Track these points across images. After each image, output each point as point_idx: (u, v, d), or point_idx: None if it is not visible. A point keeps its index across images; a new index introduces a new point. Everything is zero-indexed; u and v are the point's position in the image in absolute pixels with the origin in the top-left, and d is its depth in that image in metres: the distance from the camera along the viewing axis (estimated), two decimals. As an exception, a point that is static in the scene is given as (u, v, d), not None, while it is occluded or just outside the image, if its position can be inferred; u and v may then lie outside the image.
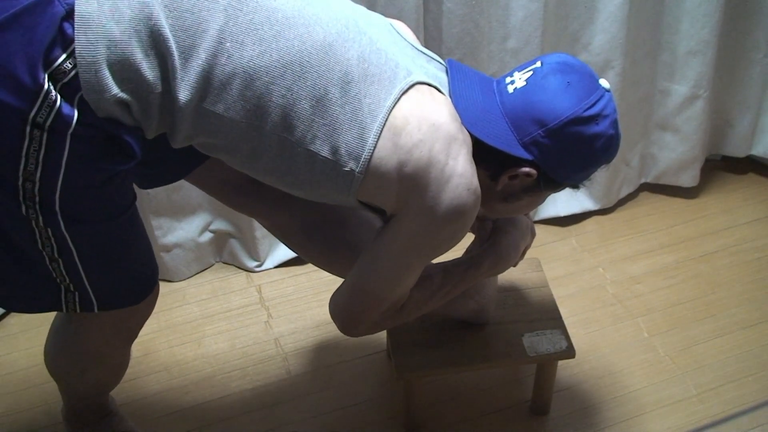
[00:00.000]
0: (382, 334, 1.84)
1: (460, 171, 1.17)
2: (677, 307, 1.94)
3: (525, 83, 1.22)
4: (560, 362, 1.62)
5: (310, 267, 2.03)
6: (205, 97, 1.09)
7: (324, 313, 1.92)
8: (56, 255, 1.16)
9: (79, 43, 1.03)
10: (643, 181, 2.34)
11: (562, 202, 2.22)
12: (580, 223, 2.23)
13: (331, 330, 1.88)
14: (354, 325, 1.33)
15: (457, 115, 1.20)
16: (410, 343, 1.55)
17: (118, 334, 1.37)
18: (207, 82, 1.08)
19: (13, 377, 1.77)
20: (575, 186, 1.31)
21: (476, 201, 1.19)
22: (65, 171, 1.08)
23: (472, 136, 1.21)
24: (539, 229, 2.20)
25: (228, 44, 1.08)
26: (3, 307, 1.31)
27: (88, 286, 1.22)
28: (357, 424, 1.67)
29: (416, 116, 1.16)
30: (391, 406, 1.70)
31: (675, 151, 2.24)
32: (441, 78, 1.24)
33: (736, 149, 2.34)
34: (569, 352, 1.53)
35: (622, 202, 2.30)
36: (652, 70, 2.14)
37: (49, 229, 1.13)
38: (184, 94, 1.08)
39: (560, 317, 1.59)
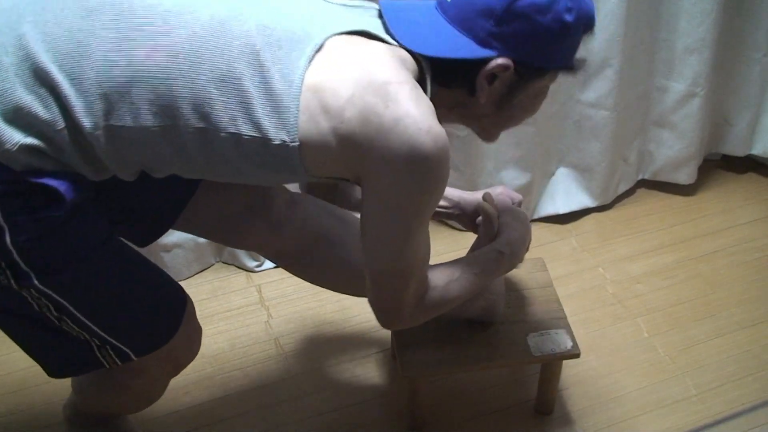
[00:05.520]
0: (385, 334, 1.84)
1: (402, 113, 1.06)
2: (677, 307, 1.94)
3: None
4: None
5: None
6: (110, 115, 1.06)
7: (324, 313, 1.93)
8: (56, 313, 1.15)
9: None
10: (640, 177, 2.34)
11: (561, 199, 2.22)
12: (579, 221, 2.23)
13: (332, 330, 1.88)
14: (393, 312, 1.27)
15: (388, 54, 1.11)
16: (415, 342, 1.55)
17: (163, 373, 1.34)
18: (106, 100, 1.05)
19: (13, 377, 1.77)
20: (568, 68, 1.21)
21: (436, 139, 1.07)
22: (9, 230, 1.06)
23: (428, 59, 1.14)
24: (539, 227, 2.20)
25: (113, 55, 1.04)
26: (52, 376, 1.30)
27: (108, 337, 1.20)
28: (357, 424, 1.67)
29: (337, 72, 1.08)
30: (392, 405, 1.70)
31: (672, 148, 2.24)
32: (374, 23, 1.17)
33: (735, 148, 2.34)
34: (574, 352, 1.53)
35: (620, 200, 2.30)
36: (649, 67, 2.14)
37: (31, 289, 1.11)
38: (87, 119, 1.05)
39: (565, 317, 1.59)
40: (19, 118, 1.03)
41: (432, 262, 1.31)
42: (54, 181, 1.07)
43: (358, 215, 1.48)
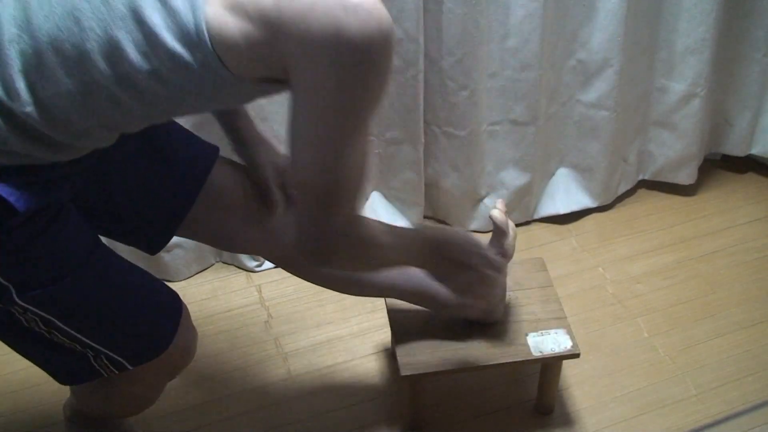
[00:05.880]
0: (385, 334, 1.84)
1: None
2: (677, 307, 1.94)
3: None
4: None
5: (310, 267, 2.03)
6: (33, 90, 1.01)
7: (324, 313, 1.93)
8: (44, 326, 1.14)
9: None
10: (640, 177, 2.34)
11: (561, 199, 2.22)
12: (580, 221, 2.23)
13: (331, 330, 1.88)
14: (315, 236, 1.12)
15: None
16: (415, 342, 1.55)
17: (160, 378, 1.34)
18: (24, 76, 1.00)
19: (13, 377, 1.77)
20: None
21: (365, 19, 0.92)
22: None
23: None
24: (539, 227, 2.20)
25: (16, 30, 0.99)
26: (61, 383, 1.31)
27: (102, 348, 1.19)
28: (357, 424, 1.67)
29: None
30: (392, 406, 1.70)
31: (672, 148, 2.24)
32: None
33: (735, 148, 2.34)
34: (574, 352, 1.53)
35: (620, 200, 2.30)
36: (649, 67, 2.14)
37: (14, 305, 1.10)
38: (13, 101, 1.01)
39: (565, 317, 1.59)
40: None
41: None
42: (4, 188, 1.03)
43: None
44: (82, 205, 1.19)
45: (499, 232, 1.44)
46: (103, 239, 1.24)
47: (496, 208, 1.45)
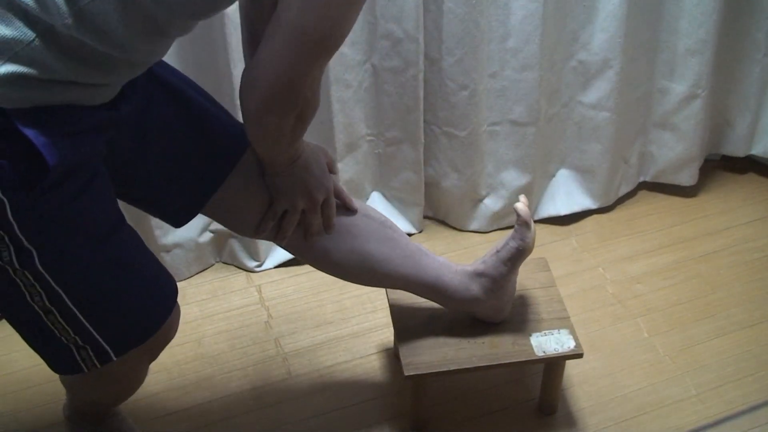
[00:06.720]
0: (385, 334, 1.84)
1: None
2: (677, 307, 1.94)
3: None
4: (561, 362, 1.63)
5: (310, 267, 2.03)
6: (69, 1, 0.99)
7: (324, 313, 1.93)
8: (48, 304, 1.13)
9: None
10: (641, 179, 2.34)
11: (562, 200, 2.22)
12: (580, 222, 2.23)
13: (331, 330, 1.88)
14: (289, 88, 1.11)
15: None
16: (417, 341, 1.55)
17: (141, 361, 1.33)
18: None
19: (13, 377, 1.77)
20: None
21: None
22: (9, 201, 1.03)
23: None
24: (539, 228, 2.20)
25: None
26: (53, 370, 1.30)
27: (96, 334, 1.18)
28: (358, 424, 1.67)
29: None
30: (393, 406, 1.70)
31: (673, 149, 2.24)
32: None
33: (735, 149, 2.34)
34: (577, 352, 1.53)
35: (621, 201, 2.30)
36: (650, 68, 2.14)
37: (27, 273, 1.09)
38: (55, 14, 0.98)
39: (568, 317, 1.59)
40: None
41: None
42: (39, 137, 1.02)
43: (372, 209, 1.48)
44: (115, 166, 1.19)
45: (522, 225, 1.45)
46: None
47: (520, 201, 1.46)
